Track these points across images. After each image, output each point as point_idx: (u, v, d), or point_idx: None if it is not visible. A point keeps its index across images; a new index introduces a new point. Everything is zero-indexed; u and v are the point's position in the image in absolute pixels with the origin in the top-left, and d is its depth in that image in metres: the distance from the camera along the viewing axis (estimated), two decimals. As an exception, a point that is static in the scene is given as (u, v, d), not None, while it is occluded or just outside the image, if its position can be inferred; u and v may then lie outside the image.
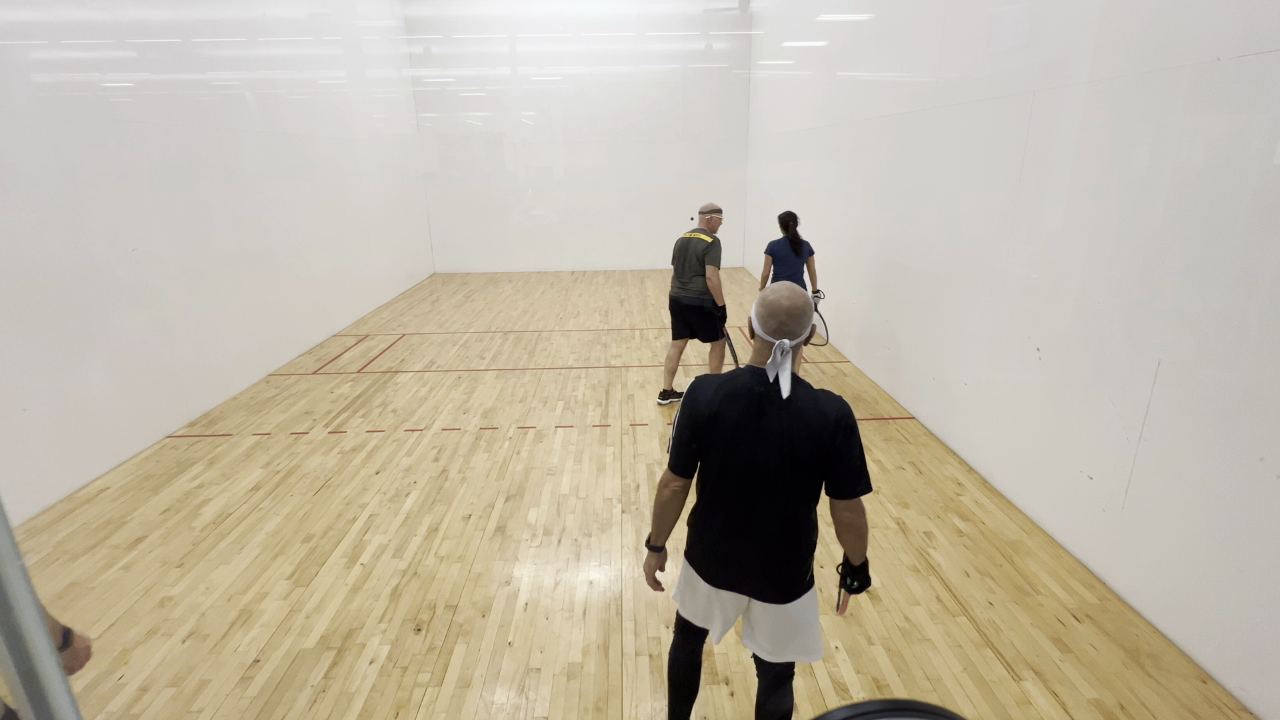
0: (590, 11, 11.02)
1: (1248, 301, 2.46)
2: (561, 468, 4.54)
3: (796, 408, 1.78)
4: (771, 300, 1.78)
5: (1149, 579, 2.96)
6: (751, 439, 1.80)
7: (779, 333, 1.77)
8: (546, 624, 3.03)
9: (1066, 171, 3.44)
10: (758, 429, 1.80)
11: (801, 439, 1.77)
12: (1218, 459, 2.59)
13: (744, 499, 1.86)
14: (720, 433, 1.83)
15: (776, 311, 1.77)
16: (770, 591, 1.92)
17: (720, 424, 1.82)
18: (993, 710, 2.53)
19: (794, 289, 1.80)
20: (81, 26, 4.59)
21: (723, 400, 1.83)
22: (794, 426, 1.77)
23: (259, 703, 2.62)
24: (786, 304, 1.77)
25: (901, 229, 5.44)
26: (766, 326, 1.79)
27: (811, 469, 1.80)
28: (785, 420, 1.78)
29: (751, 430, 1.80)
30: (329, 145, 8.26)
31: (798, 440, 1.77)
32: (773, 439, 1.79)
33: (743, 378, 1.83)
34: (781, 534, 1.88)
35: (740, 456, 1.82)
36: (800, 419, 1.77)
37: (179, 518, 3.98)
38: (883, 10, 5.76)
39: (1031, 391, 3.74)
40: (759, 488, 1.84)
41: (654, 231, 12.24)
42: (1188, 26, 2.69)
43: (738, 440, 1.82)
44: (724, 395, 1.83)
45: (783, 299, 1.77)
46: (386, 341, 7.78)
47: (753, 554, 1.90)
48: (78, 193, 4.43)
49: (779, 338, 1.77)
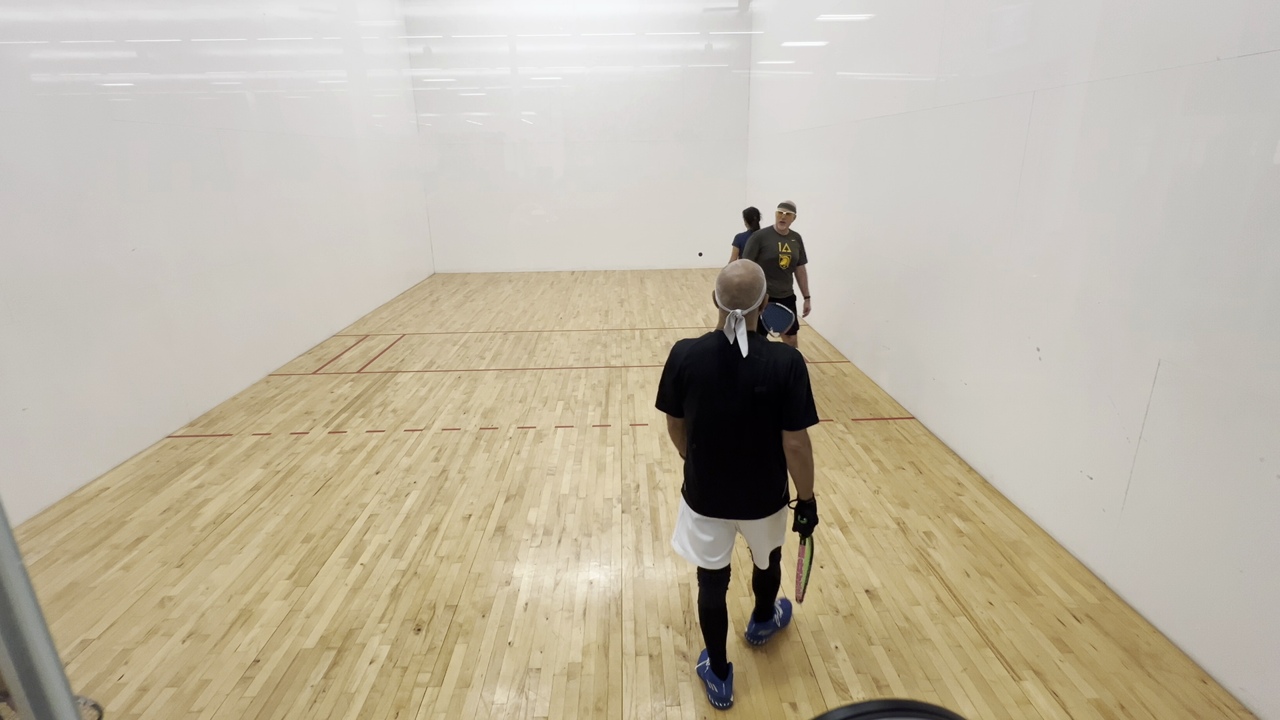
0: (590, 11, 11.02)
1: (1248, 301, 2.46)
2: (561, 468, 4.54)
3: (755, 360, 2.18)
4: (726, 277, 2.17)
5: (1149, 579, 2.96)
6: (720, 389, 2.21)
7: (733, 304, 2.16)
8: (546, 624, 3.03)
9: (1066, 171, 3.44)
10: (724, 381, 2.20)
11: (761, 384, 2.17)
12: (1218, 459, 2.59)
13: (721, 440, 2.26)
14: (694, 386, 2.25)
15: (729, 287, 2.16)
16: (754, 510, 2.37)
17: (694, 379, 2.24)
18: (993, 710, 2.53)
19: (747, 266, 2.17)
20: (81, 26, 4.59)
21: (694, 360, 2.24)
22: (754, 375, 2.17)
23: (259, 703, 2.62)
24: (737, 280, 2.16)
25: (902, 229, 5.44)
26: (722, 299, 2.18)
27: (771, 406, 2.19)
28: (747, 371, 2.18)
29: (719, 382, 2.21)
30: (329, 145, 8.26)
31: (758, 386, 2.17)
32: (738, 387, 2.19)
33: (709, 340, 2.25)
34: (754, 465, 2.29)
35: (714, 405, 2.23)
36: (759, 368, 2.17)
37: (179, 518, 3.98)
38: (883, 10, 5.76)
39: (1031, 391, 3.74)
40: (732, 429, 2.24)
41: (654, 231, 12.24)
42: (1188, 26, 2.69)
43: (709, 392, 2.22)
44: (695, 355, 2.25)
45: (734, 276, 2.16)
46: (386, 341, 7.78)
47: (735, 484, 2.32)
48: (78, 193, 4.43)
49: (733, 308, 2.16)
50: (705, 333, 2.31)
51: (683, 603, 3.15)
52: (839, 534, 3.69)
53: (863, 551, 3.53)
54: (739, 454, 2.27)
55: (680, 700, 2.59)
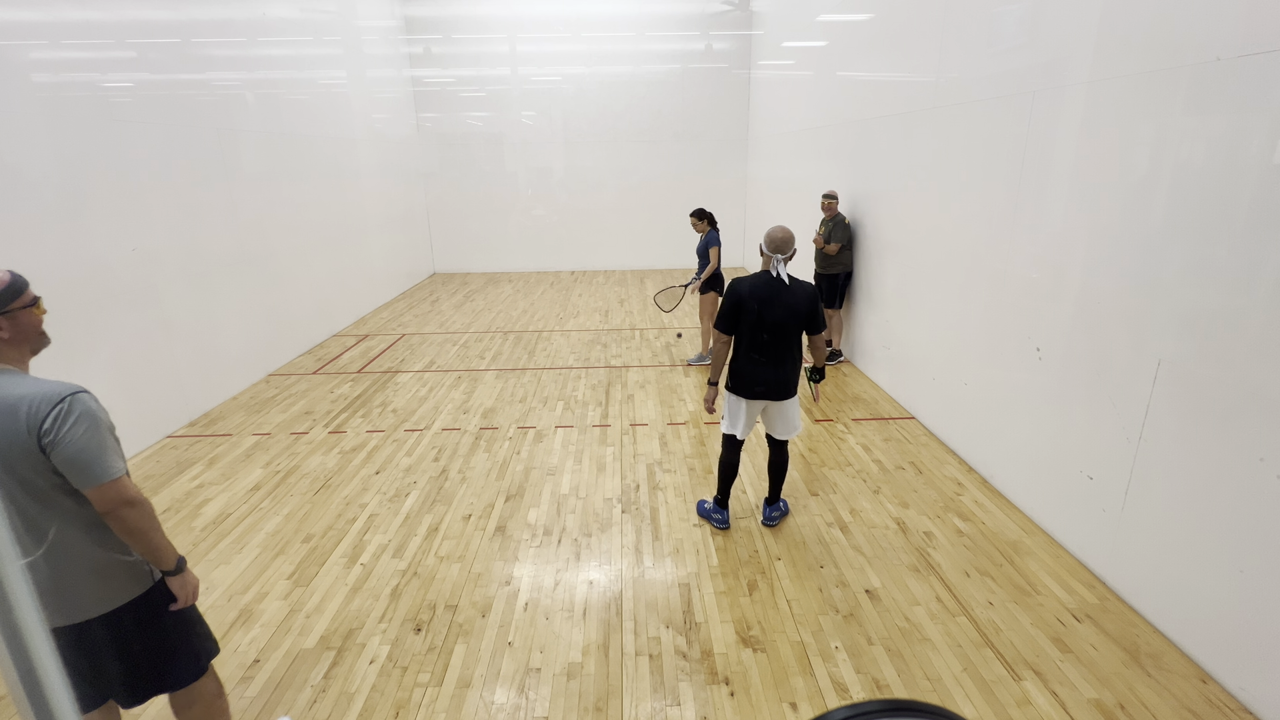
0: (590, 11, 11.02)
1: (1248, 301, 2.46)
2: (561, 468, 4.54)
3: (793, 289, 3.28)
4: (771, 234, 3.30)
5: (1149, 579, 2.96)
6: (770, 306, 3.26)
7: (776, 250, 3.28)
8: (546, 624, 3.03)
9: (1066, 171, 3.44)
10: (772, 301, 3.26)
11: (797, 304, 3.28)
12: (1218, 459, 2.59)
13: (770, 341, 3.31)
14: (754, 305, 3.26)
15: (773, 240, 3.28)
16: (784, 392, 3.42)
17: (751, 301, 3.27)
18: (993, 710, 2.53)
19: (785, 227, 3.30)
20: (81, 26, 4.59)
21: (755, 289, 3.27)
22: (792, 299, 3.28)
23: (259, 703, 2.62)
24: (780, 235, 3.28)
25: (901, 229, 5.44)
26: (770, 248, 3.29)
27: (803, 320, 3.32)
28: (788, 296, 3.27)
29: (769, 302, 3.26)
30: (329, 145, 8.26)
31: (796, 304, 3.28)
32: (782, 306, 3.27)
33: (761, 276, 3.30)
34: (790, 358, 3.40)
35: (767, 317, 3.27)
36: (795, 294, 3.28)
37: (179, 518, 3.98)
38: (883, 10, 5.76)
39: (1031, 391, 3.74)
40: (778, 334, 3.30)
41: (654, 231, 12.24)
42: (1188, 26, 2.69)
43: (764, 308, 3.26)
44: (755, 286, 3.28)
45: (778, 234, 3.28)
46: (386, 341, 7.78)
47: (776, 372, 3.38)
48: (78, 193, 4.43)
49: (775, 253, 3.28)
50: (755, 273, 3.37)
51: (682, 603, 3.16)
52: (839, 534, 3.69)
53: (863, 551, 3.53)
54: (783, 348, 3.34)
55: (680, 700, 2.59)
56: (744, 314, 3.28)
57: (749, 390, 3.40)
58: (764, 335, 3.28)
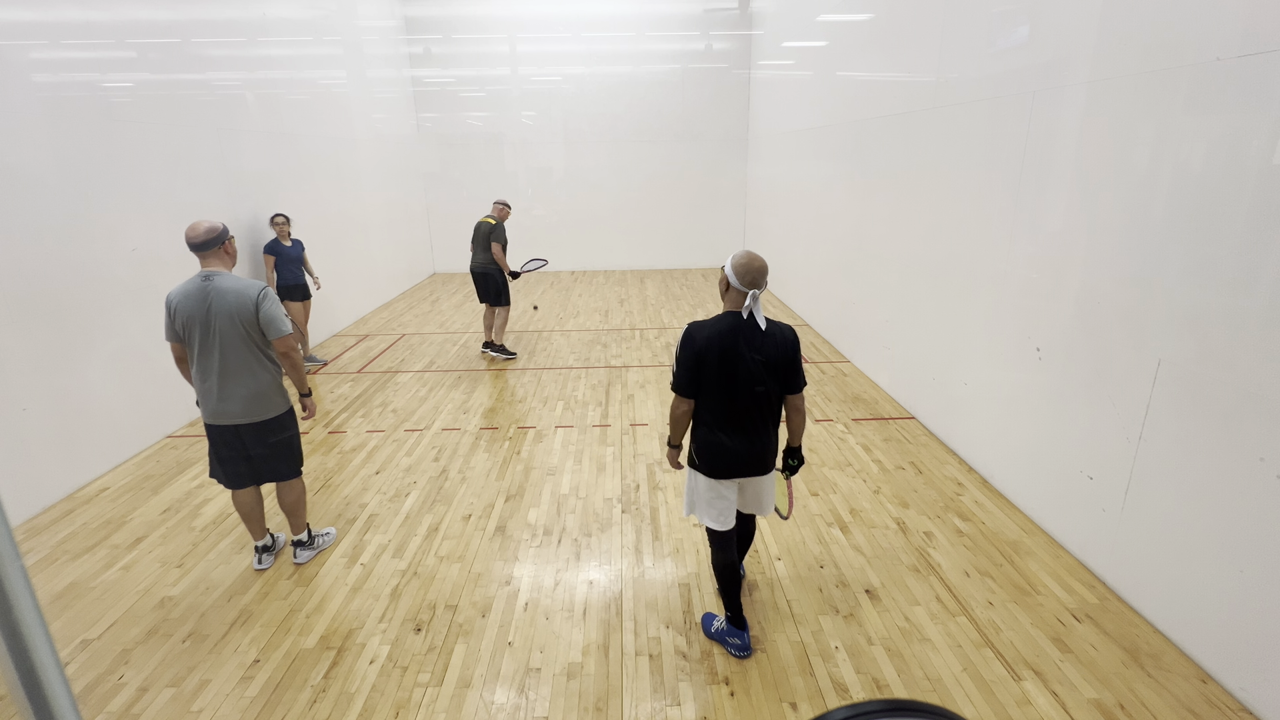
0: (590, 11, 11.02)
1: (1248, 301, 2.46)
2: (561, 468, 4.54)
3: (769, 335, 2.52)
4: (748, 262, 2.48)
5: (1149, 579, 2.96)
6: (737, 359, 2.49)
7: (753, 285, 2.47)
8: (546, 624, 3.03)
9: (1066, 171, 3.43)
10: (743, 354, 2.49)
11: (775, 355, 2.52)
12: (1218, 459, 2.59)
13: (741, 405, 2.55)
14: (714, 361, 2.49)
15: (751, 270, 2.47)
16: (761, 467, 2.69)
17: (713, 355, 2.49)
18: (993, 710, 2.53)
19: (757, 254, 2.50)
20: (81, 26, 4.59)
21: (714, 337, 2.49)
22: (769, 348, 2.52)
23: (259, 703, 2.62)
24: (758, 265, 2.48)
25: (901, 229, 5.44)
26: (743, 280, 2.47)
27: (781, 375, 2.57)
28: (763, 344, 2.51)
29: (738, 355, 2.49)
30: (329, 145, 8.26)
31: (771, 356, 2.52)
32: (755, 359, 2.50)
33: (725, 320, 2.52)
34: (767, 425, 2.64)
35: (735, 375, 2.51)
36: (773, 342, 2.52)
37: (179, 518, 3.98)
38: (883, 10, 5.76)
39: (1031, 391, 3.74)
40: (750, 395, 2.54)
41: (654, 231, 12.24)
42: (1188, 26, 2.69)
43: (732, 364, 2.50)
44: (715, 334, 2.50)
45: (756, 262, 2.48)
46: (386, 341, 7.78)
47: (751, 444, 2.62)
48: (78, 193, 4.43)
49: (752, 288, 2.46)
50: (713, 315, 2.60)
51: (682, 603, 3.16)
52: (839, 534, 3.69)
53: (863, 551, 3.53)
54: (757, 416, 2.59)
55: (680, 700, 2.59)
56: (705, 371, 2.51)
57: (716, 469, 2.64)
58: (733, 400, 2.53)
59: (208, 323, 3.01)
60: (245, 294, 3.02)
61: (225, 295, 3.00)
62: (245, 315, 3.02)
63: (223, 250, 3.11)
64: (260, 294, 3.05)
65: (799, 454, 2.83)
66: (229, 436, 3.20)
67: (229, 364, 3.06)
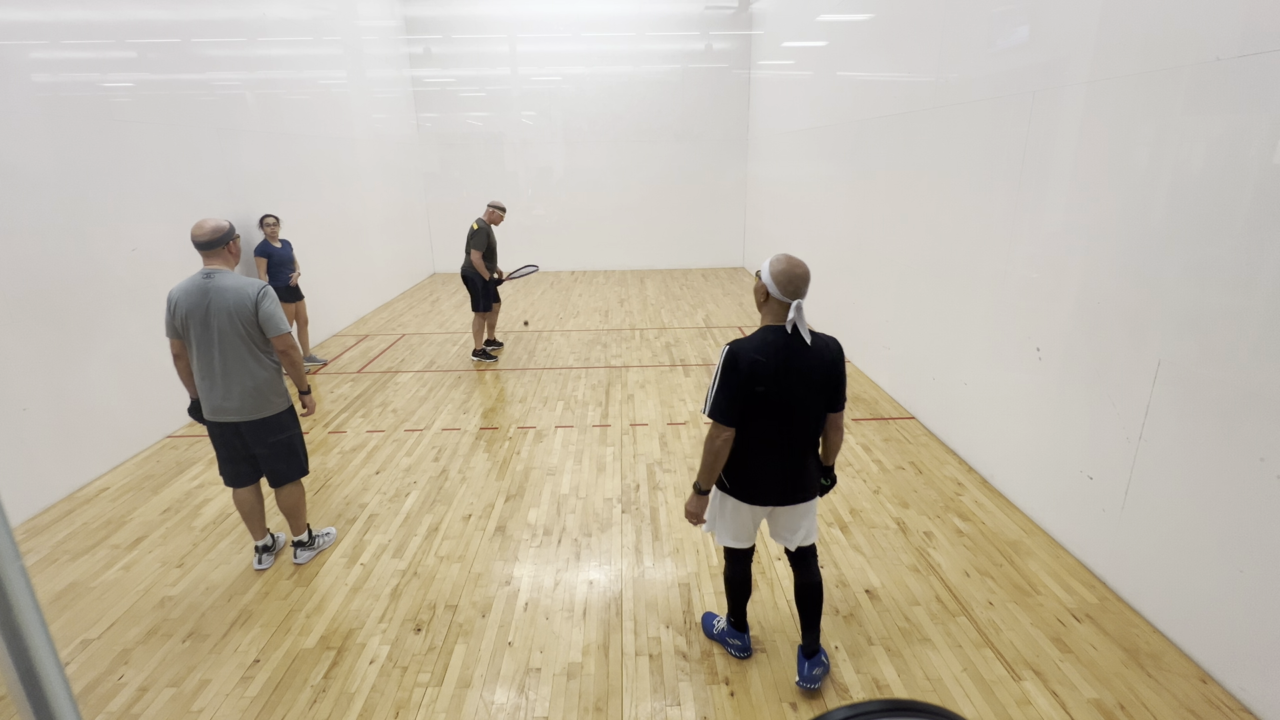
0: (590, 11, 11.02)
1: (1248, 301, 2.46)
2: (561, 468, 4.54)
3: (815, 349, 2.31)
4: (790, 270, 2.25)
5: (1149, 579, 2.96)
6: (786, 379, 2.29)
7: (796, 294, 2.25)
8: (546, 624, 3.03)
9: (1066, 171, 3.43)
10: (789, 370, 2.28)
11: (820, 371, 2.33)
12: (1218, 459, 2.59)
13: (785, 426, 2.36)
14: (761, 381, 2.27)
15: (794, 278, 2.24)
16: (803, 493, 2.48)
17: (761, 374, 2.27)
18: (993, 710, 2.53)
19: (798, 258, 2.28)
20: (81, 26, 4.59)
21: (761, 357, 2.26)
22: (814, 363, 2.31)
23: (259, 703, 2.62)
24: (802, 272, 2.26)
25: (902, 229, 5.44)
26: (785, 290, 2.25)
27: (826, 392, 2.37)
28: (809, 360, 2.31)
29: (784, 372, 2.28)
30: (329, 145, 8.26)
31: (818, 372, 2.32)
32: (800, 375, 2.30)
33: (769, 336, 2.29)
34: (810, 446, 2.45)
35: (781, 395, 2.30)
36: (819, 356, 2.32)
37: (179, 518, 3.98)
38: (883, 10, 5.76)
39: (1031, 391, 3.74)
40: (795, 415, 2.36)
41: (654, 231, 12.24)
42: (1188, 26, 2.68)
43: (777, 383, 2.28)
44: (761, 353, 2.27)
45: (798, 269, 2.25)
46: (386, 341, 7.78)
47: (795, 470, 2.44)
48: (78, 193, 4.43)
49: (795, 298, 2.25)
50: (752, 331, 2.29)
51: (682, 603, 3.15)
52: (839, 534, 3.69)
53: (863, 551, 3.53)
54: (802, 439, 2.41)
55: (680, 700, 2.59)
56: (752, 394, 2.30)
57: (752, 494, 2.46)
58: (781, 423, 2.36)
59: (207, 320, 3.04)
60: (245, 292, 3.06)
61: (225, 293, 3.03)
62: (244, 313, 3.06)
63: (226, 250, 3.14)
64: (260, 292, 3.09)
65: (831, 473, 2.63)
66: (229, 434, 3.24)
67: (228, 361, 3.09)
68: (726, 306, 9.31)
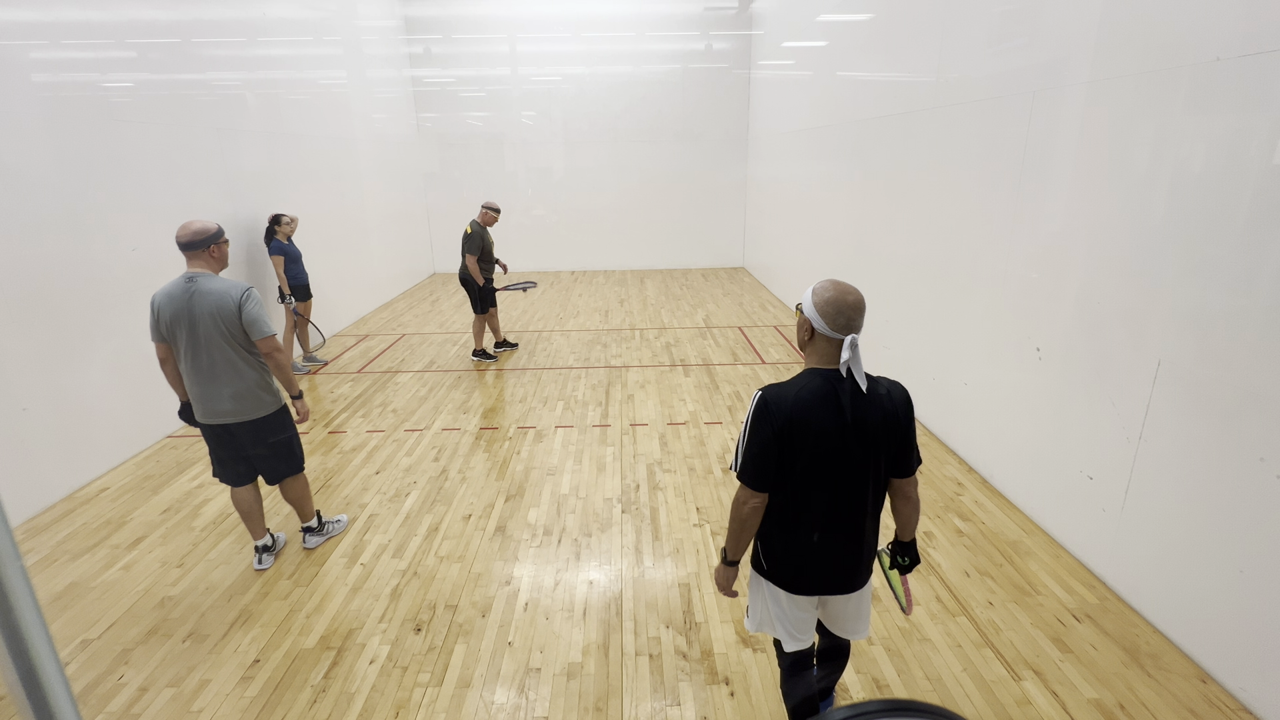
0: (590, 11, 11.02)
1: (1248, 301, 2.46)
2: (561, 468, 4.54)
3: (873, 398, 1.80)
4: (835, 298, 1.76)
5: (1149, 579, 2.96)
6: (837, 437, 1.79)
7: (849, 327, 1.76)
8: (546, 624, 3.03)
9: (1066, 171, 3.43)
10: (841, 426, 1.78)
11: (880, 426, 1.80)
12: (1218, 459, 2.59)
13: (836, 496, 1.86)
14: (805, 439, 1.79)
15: (846, 307, 1.76)
16: (859, 578, 2.00)
17: (804, 431, 1.78)
18: (993, 710, 2.53)
19: (848, 284, 1.80)
20: (81, 26, 4.59)
21: (803, 408, 1.78)
22: (872, 416, 1.79)
23: (259, 703, 2.62)
24: (853, 298, 1.77)
25: (901, 229, 5.43)
26: (835, 323, 1.76)
27: (889, 452, 1.85)
28: (866, 412, 1.79)
29: (836, 429, 1.78)
30: (329, 145, 8.25)
31: (877, 428, 1.80)
32: (855, 432, 1.79)
33: (815, 382, 1.80)
34: (869, 520, 1.94)
35: (829, 457, 1.81)
36: (878, 408, 1.80)
37: (179, 518, 3.98)
38: (883, 10, 5.76)
39: (1031, 391, 3.74)
40: (848, 482, 1.85)
41: (654, 231, 12.24)
42: (1188, 26, 2.68)
43: (824, 442, 1.79)
44: (802, 403, 1.78)
45: (848, 294, 1.77)
46: (386, 341, 7.78)
47: (846, 551, 1.94)
48: (78, 193, 4.43)
49: (848, 333, 1.76)
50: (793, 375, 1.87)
51: (682, 603, 3.15)
52: (839, 534, 3.69)
53: (863, 551, 3.52)
54: (858, 513, 1.90)
55: (680, 700, 2.59)
56: (791, 455, 1.82)
57: (798, 582, 1.98)
58: (828, 493, 1.86)
59: (193, 324, 3.01)
60: (228, 295, 3.02)
61: (207, 296, 3.00)
62: (227, 316, 3.03)
63: (208, 253, 3.08)
64: (243, 295, 3.05)
65: (913, 549, 2.12)
66: (223, 436, 3.24)
67: (215, 364, 3.08)
68: (726, 306, 9.30)
